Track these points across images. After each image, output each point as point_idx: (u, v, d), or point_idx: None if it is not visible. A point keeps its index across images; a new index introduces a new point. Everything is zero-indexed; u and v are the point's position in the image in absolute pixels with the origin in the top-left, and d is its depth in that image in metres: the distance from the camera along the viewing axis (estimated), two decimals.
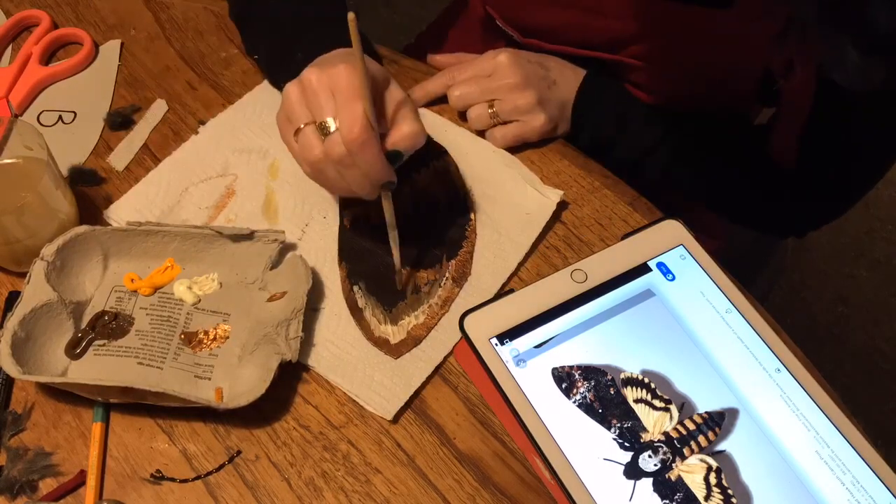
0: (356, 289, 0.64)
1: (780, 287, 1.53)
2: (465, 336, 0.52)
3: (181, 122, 0.74)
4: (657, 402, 0.51)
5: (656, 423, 0.50)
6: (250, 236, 0.63)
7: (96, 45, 0.79)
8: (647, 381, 0.51)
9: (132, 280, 0.63)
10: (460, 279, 0.64)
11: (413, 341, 0.61)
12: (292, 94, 0.57)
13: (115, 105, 0.75)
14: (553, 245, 0.67)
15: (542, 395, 0.50)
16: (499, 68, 0.70)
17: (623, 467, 0.49)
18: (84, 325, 0.61)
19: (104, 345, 0.60)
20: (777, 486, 0.49)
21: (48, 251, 0.60)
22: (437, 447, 0.58)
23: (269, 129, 0.72)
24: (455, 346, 0.61)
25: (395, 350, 0.61)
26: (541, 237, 0.66)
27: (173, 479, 0.56)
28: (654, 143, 0.73)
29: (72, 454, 0.57)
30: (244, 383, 0.58)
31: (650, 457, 0.49)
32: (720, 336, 0.53)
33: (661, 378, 0.52)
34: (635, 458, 0.49)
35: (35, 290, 0.59)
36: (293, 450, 0.58)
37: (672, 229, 0.57)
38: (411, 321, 0.62)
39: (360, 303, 0.63)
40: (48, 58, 0.79)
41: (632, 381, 0.51)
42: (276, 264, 0.63)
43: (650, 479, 0.49)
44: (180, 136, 0.72)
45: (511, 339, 0.52)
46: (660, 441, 0.50)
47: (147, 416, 0.59)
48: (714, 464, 0.49)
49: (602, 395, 0.51)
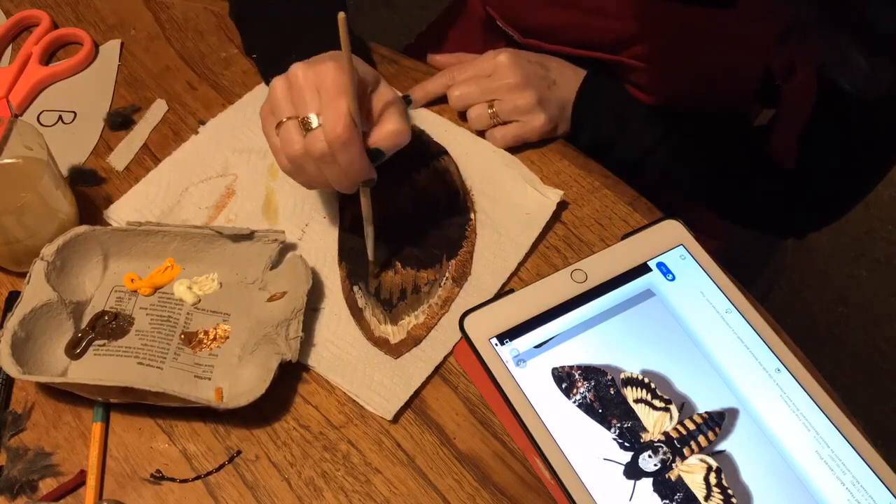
0: (356, 289, 0.64)
1: (780, 287, 1.53)
2: (465, 336, 0.52)
3: (181, 122, 0.74)
4: (657, 402, 0.51)
5: (656, 423, 0.50)
6: (250, 236, 0.63)
7: (96, 45, 0.79)
8: (647, 381, 0.51)
9: (132, 280, 0.63)
10: (460, 279, 0.64)
11: (413, 341, 0.61)
12: (278, 88, 0.57)
13: (115, 105, 0.75)
14: (553, 245, 0.67)
15: (542, 395, 0.50)
16: (499, 68, 0.70)
17: (623, 467, 0.49)
18: (84, 325, 0.61)
19: (104, 345, 0.60)
20: (777, 486, 0.49)
21: (48, 251, 0.60)
22: (437, 447, 0.58)
23: None
24: (455, 346, 0.61)
25: (395, 350, 0.61)
26: (541, 237, 0.66)
27: (173, 479, 0.56)
28: (654, 143, 0.73)
29: (72, 454, 0.57)
30: (244, 383, 0.58)
31: (650, 457, 0.49)
32: (720, 336, 0.53)
33: (661, 378, 0.52)
34: (635, 458, 0.49)
35: (35, 290, 0.59)
36: (293, 450, 0.58)
37: (672, 229, 0.57)
38: (411, 321, 0.62)
39: (360, 303, 0.63)
40: (48, 58, 0.79)
41: (632, 381, 0.51)
42: (276, 264, 0.63)
43: (650, 479, 0.49)
44: (180, 136, 0.72)
45: (511, 339, 0.52)
46: (660, 441, 0.50)
47: (147, 416, 0.59)
48: (714, 464, 0.49)
49: (602, 395, 0.51)
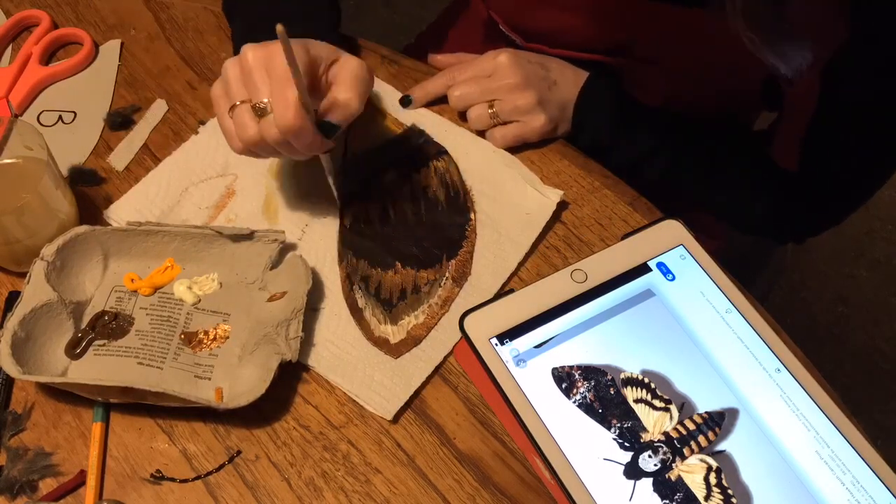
0: (356, 289, 0.64)
1: (780, 287, 1.53)
2: (465, 336, 0.52)
3: (181, 122, 0.74)
4: (657, 402, 0.51)
5: (656, 423, 0.50)
6: (250, 236, 0.63)
7: (96, 45, 0.79)
8: (647, 381, 0.51)
9: (132, 280, 0.63)
10: (460, 279, 0.64)
11: (413, 341, 0.61)
12: (230, 70, 0.57)
13: (115, 105, 0.75)
14: (553, 245, 0.67)
15: (542, 395, 0.50)
16: (499, 68, 0.70)
17: (623, 467, 0.49)
18: (84, 325, 0.61)
19: (104, 345, 0.60)
20: (777, 486, 0.49)
21: (48, 251, 0.60)
22: (437, 447, 0.58)
23: None
24: (455, 346, 0.61)
25: (395, 350, 0.61)
26: (541, 237, 0.66)
27: (173, 479, 0.56)
28: (655, 146, 0.73)
29: (72, 454, 0.57)
30: (244, 383, 0.58)
31: (650, 457, 0.49)
32: (720, 336, 0.53)
33: (661, 378, 0.52)
34: (635, 458, 0.49)
35: (35, 290, 0.59)
36: (293, 450, 0.58)
37: (672, 229, 0.57)
38: (411, 321, 0.62)
39: (360, 303, 0.63)
40: (48, 58, 0.78)
41: (632, 381, 0.51)
42: (276, 264, 0.63)
43: (650, 479, 0.49)
44: (180, 136, 0.72)
45: (511, 339, 0.52)
46: (660, 441, 0.50)
47: (147, 416, 0.59)
48: (714, 464, 0.49)
49: (602, 395, 0.51)
